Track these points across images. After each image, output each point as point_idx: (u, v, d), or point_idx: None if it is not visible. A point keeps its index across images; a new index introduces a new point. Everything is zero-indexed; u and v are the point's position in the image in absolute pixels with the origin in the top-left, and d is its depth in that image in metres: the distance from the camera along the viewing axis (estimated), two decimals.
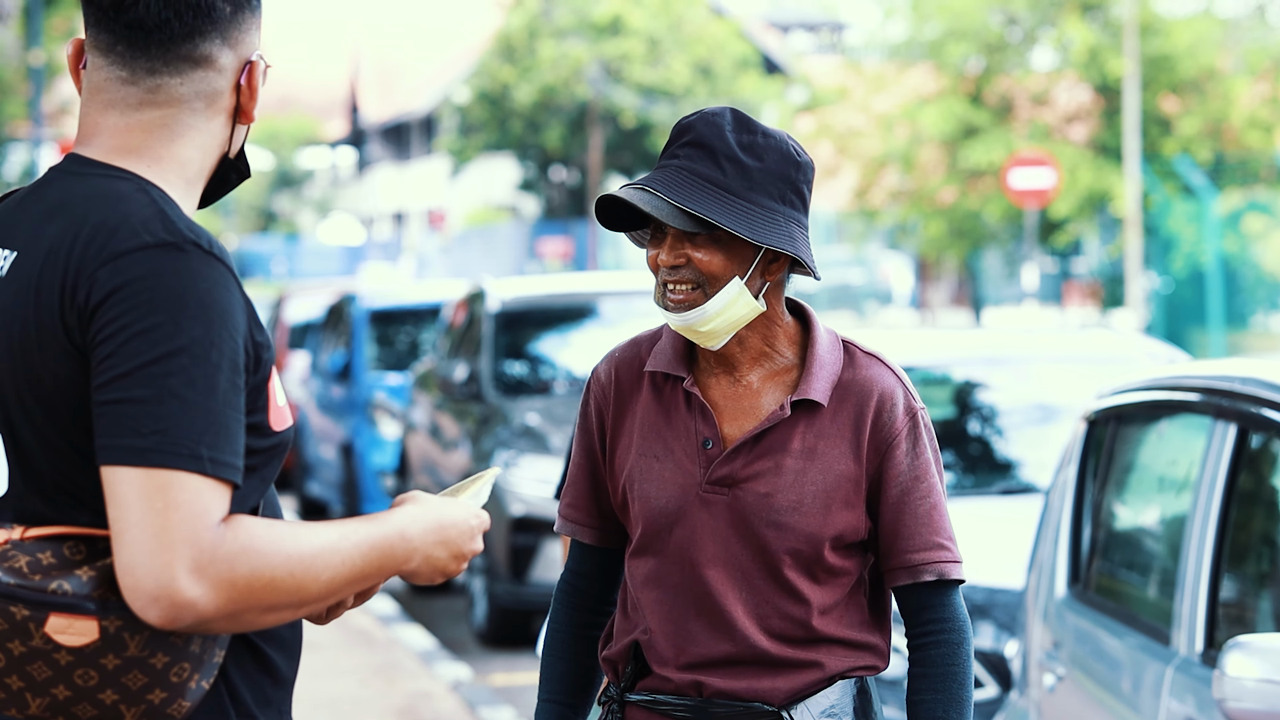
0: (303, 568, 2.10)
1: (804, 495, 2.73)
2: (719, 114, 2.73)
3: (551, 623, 2.94)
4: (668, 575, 2.77)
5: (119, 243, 2.11)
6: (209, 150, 2.27)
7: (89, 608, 2.09)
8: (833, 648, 2.76)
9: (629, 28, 41.30)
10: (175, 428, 2.05)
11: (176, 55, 2.24)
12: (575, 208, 44.56)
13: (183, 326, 2.07)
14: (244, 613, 2.08)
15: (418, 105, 54.46)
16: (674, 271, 2.70)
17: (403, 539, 2.18)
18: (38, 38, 26.51)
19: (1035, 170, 23.93)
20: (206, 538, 2.04)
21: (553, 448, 9.51)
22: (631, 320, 10.93)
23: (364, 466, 12.83)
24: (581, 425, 2.89)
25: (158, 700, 2.12)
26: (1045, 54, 31.17)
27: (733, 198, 2.68)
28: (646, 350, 2.85)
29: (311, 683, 7.98)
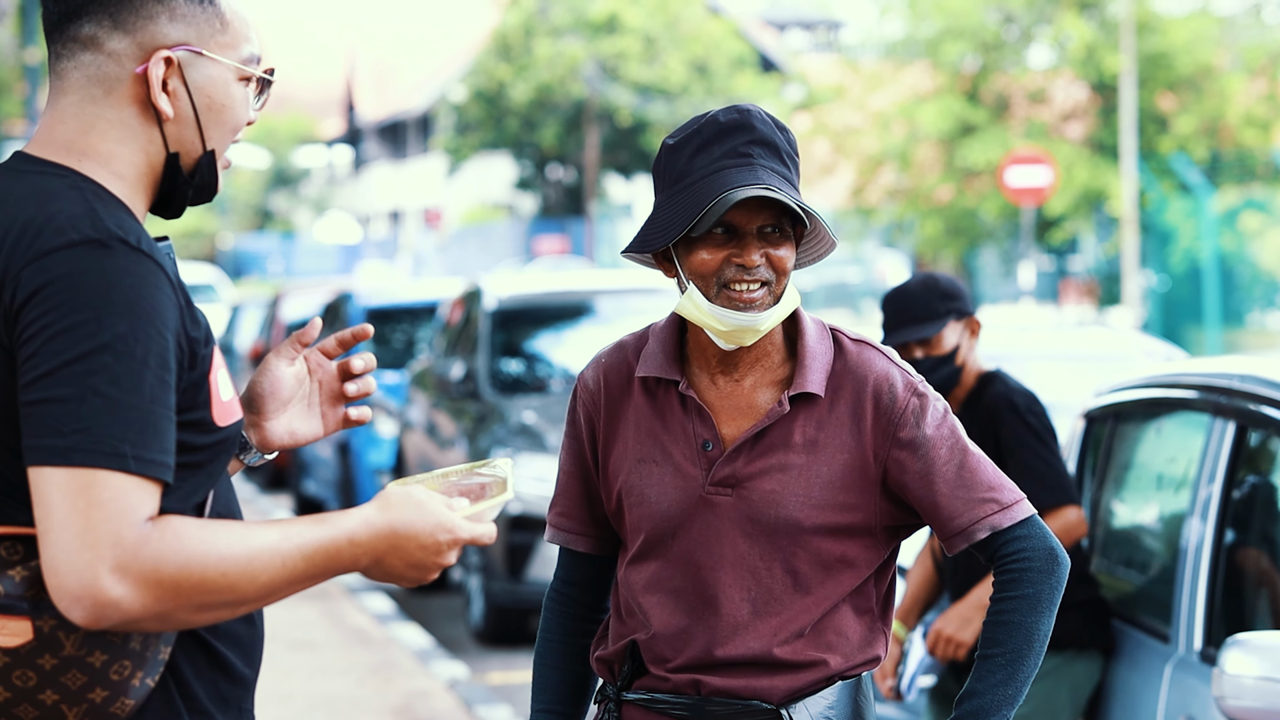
0: (237, 568, 2.07)
1: (810, 489, 2.71)
2: (760, 111, 2.74)
3: (543, 632, 2.92)
4: (670, 579, 2.75)
5: (44, 241, 2.09)
6: (135, 145, 2.23)
7: (22, 608, 2.08)
8: (838, 646, 2.75)
9: (625, 26, 41.29)
10: (98, 426, 2.03)
11: (65, 36, 2.22)
12: (572, 206, 44.55)
13: (105, 324, 2.05)
14: (174, 612, 2.06)
15: (414, 104, 54.43)
16: (751, 272, 2.68)
17: (350, 544, 2.14)
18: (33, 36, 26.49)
19: (1032, 168, 23.94)
20: (130, 536, 2.02)
21: (549, 446, 9.50)
22: (628, 318, 10.92)
23: (360, 465, 12.81)
24: (570, 433, 2.86)
25: (99, 699, 2.11)
26: (1042, 52, 31.18)
27: (799, 193, 2.71)
28: (633, 354, 2.82)
29: (308, 682, 7.97)
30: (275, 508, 14.55)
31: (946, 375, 4.60)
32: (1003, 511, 2.74)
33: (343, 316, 14.28)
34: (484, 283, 11.27)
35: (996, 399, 4.61)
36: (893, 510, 2.77)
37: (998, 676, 2.70)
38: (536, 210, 45.86)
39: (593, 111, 41.58)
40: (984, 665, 2.72)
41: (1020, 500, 2.75)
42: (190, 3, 2.24)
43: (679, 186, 2.70)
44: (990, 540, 2.74)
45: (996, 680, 2.70)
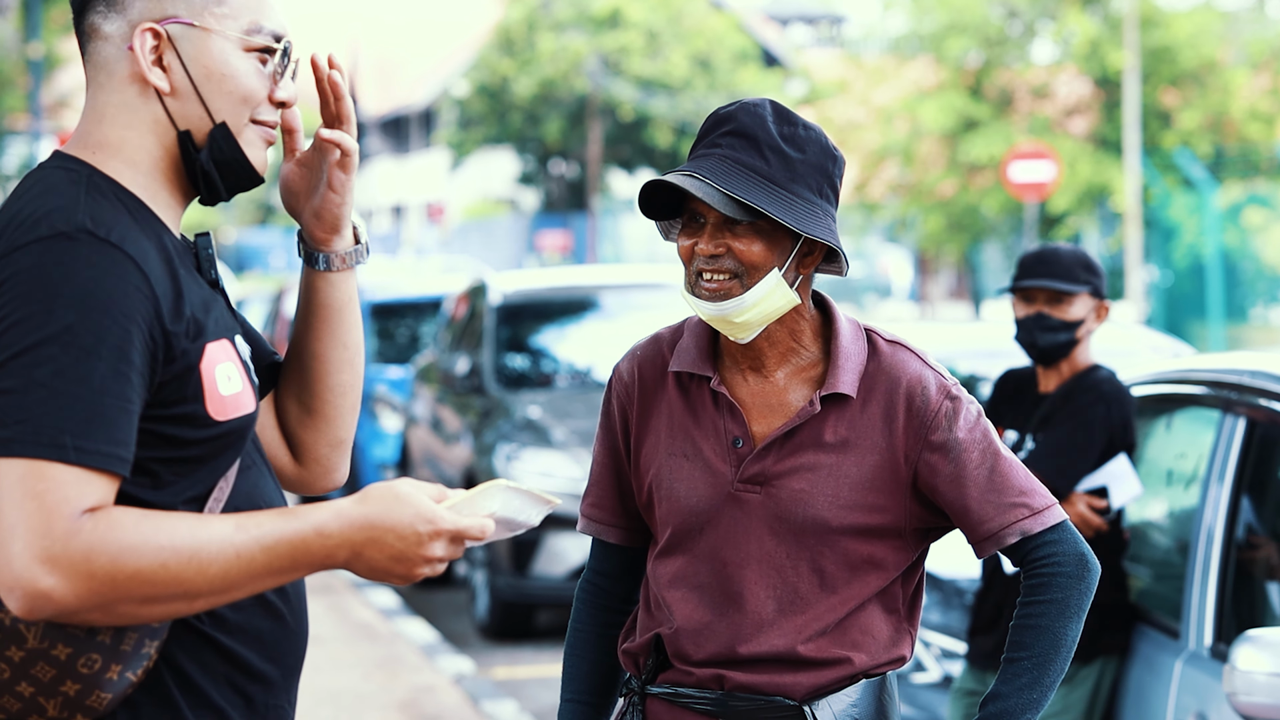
0: (180, 560, 2.05)
1: (839, 489, 2.70)
2: (759, 105, 2.70)
3: (574, 622, 2.92)
4: (697, 574, 2.75)
5: (18, 236, 2.11)
6: (143, 128, 2.24)
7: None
8: (863, 645, 2.74)
9: (628, 21, 41.26)
10: (38, 417, 2.02)
11: (80, 32, 2.26)
12: (574, 201, 44.52)
13: (55, 315, 2.05)
14: (114, 604, 2.04)
15: (417, 98, 54.40)
16: (712, 261, 2.67)
17: (319, 536, 2.12)
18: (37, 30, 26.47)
19: (1035, 163, 23.91)
20: (60, 528, 2.01)
21: (554, 441, 9.49)
22: (632, 313, 10.92)
23: (365, 460, 12.81)
24: (604, 424, 2.86)
25: (73, 692, 2.11)
26: (1045, 47, 31.15)
27: (776, 188, 2.65)
28: (669, 348, 2.82)
29: (314, 677, 7.97)
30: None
31: (1062, 342, 4.61)
32: (1034, 516, 2.73)
33: None
34: (489, 278, 11.26)
35: (1092, 381, 4.61)
36: (923, 513, 2.75)
37: (1024, 680, 2.69)
38: (539, 205, 45.84)
39: (595, 106, 41.55)
40: (1010, 668, 2.71)
41: (1052, 505, 2.74)
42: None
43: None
44: (1021, 545, 2.74)
45: (1022, 684, 2.69)
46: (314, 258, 2.45)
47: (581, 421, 9.69)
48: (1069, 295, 4.60)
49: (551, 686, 8.34)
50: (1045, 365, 4.71)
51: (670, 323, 2.92)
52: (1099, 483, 4.59)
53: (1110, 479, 4.59)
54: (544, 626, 9.87)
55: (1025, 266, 4.67)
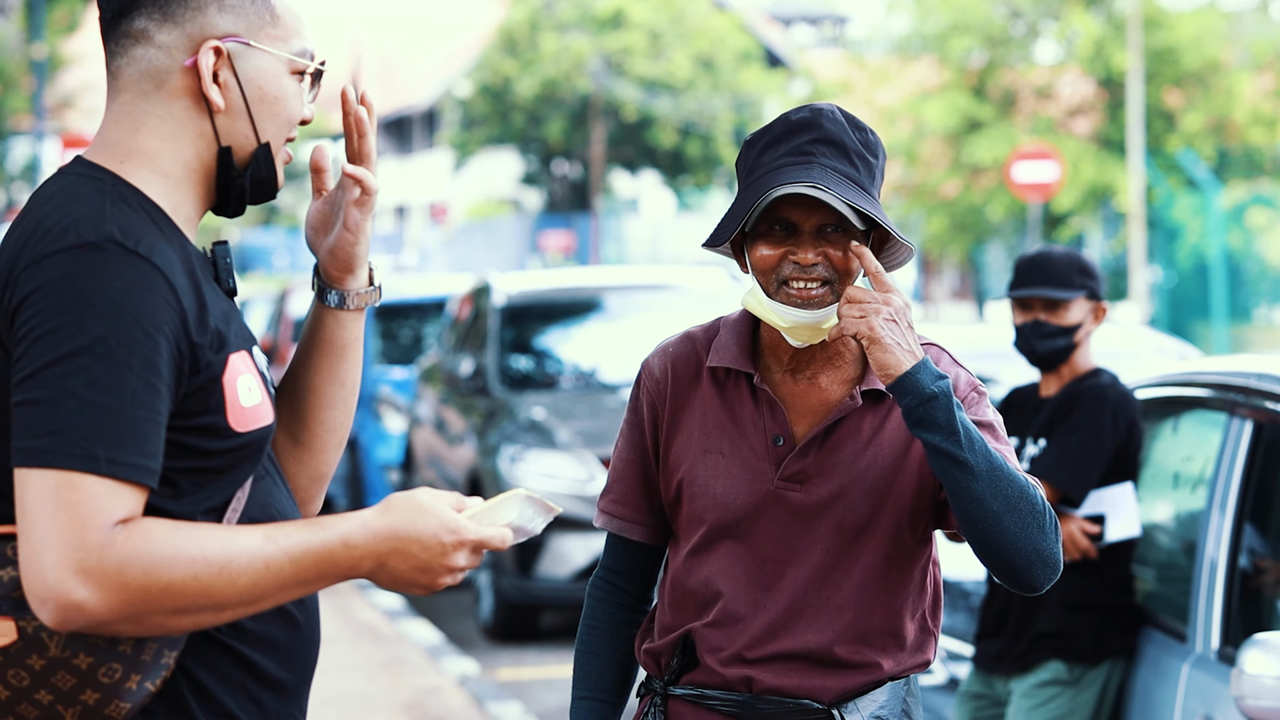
0: (211, 572, 2.06)
1: (876, 481, 2.71)
2: (834, 111, 2.72)
3: (588, 620, 2.89)
4: (732, 571, 2.74)
5: (45, 245, 2.10)
6: (183, 141, 2.23)
7: (4, 607, 2.09)
8: (893, 649, 2.74)
9: (631, 21, 41.25)
10: (71, 428, 2.03)
11: (117, 33, 2.22)
12: (577, 201, 44.52)
13: (86, 326, 2.05)
14: (145, 615, 2.05)
15: (420, 99, 54.40)
16: (809, 270, 2.66)
17: (345, 547, 2.13)
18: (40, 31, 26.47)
19: (1039, 164, 23.90)
20: (94, 539, 2.01)
21: (559, 442, 9.49)
22: (636, 315, 10.92)
23: (369, 461, 12.80)
24: (631, 420, 2.84)
25: (92, 701, 2.11)
26: (1049, 47, 31.15)
27: (869, 196, 2.68)
28: (703, 345, 2.81)
29: (319, 679, 7.97)
30: None
31: (1061, 347, 4.61)
32: None
33: None
34: (493, 279, 11.26)
35: (1095, 387, 4.61)
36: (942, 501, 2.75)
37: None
38: (542, 205, 45.83)
39: (598, 106, 41.54)
40: None
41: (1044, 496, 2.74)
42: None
43: (745, 183, 2.71)
44: None
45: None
46: (325, 294, 2.43)
47: (586, 423, 9.68)
48: (1065, 301, 4.59)
49: (556, 688, 8.34)
50: (1045, 370, 4.72)
51: (674, 323, 2.92)
52: (1100, 509, 4.59)
53: (1112, 508, 4.58)
54: (549, 628, 9.87)
55: (1020, 273, 4.67)
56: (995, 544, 2.59)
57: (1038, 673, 4.62)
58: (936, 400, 2.57)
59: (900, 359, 2.59)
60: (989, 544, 2.60)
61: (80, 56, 32.00)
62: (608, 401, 10.06)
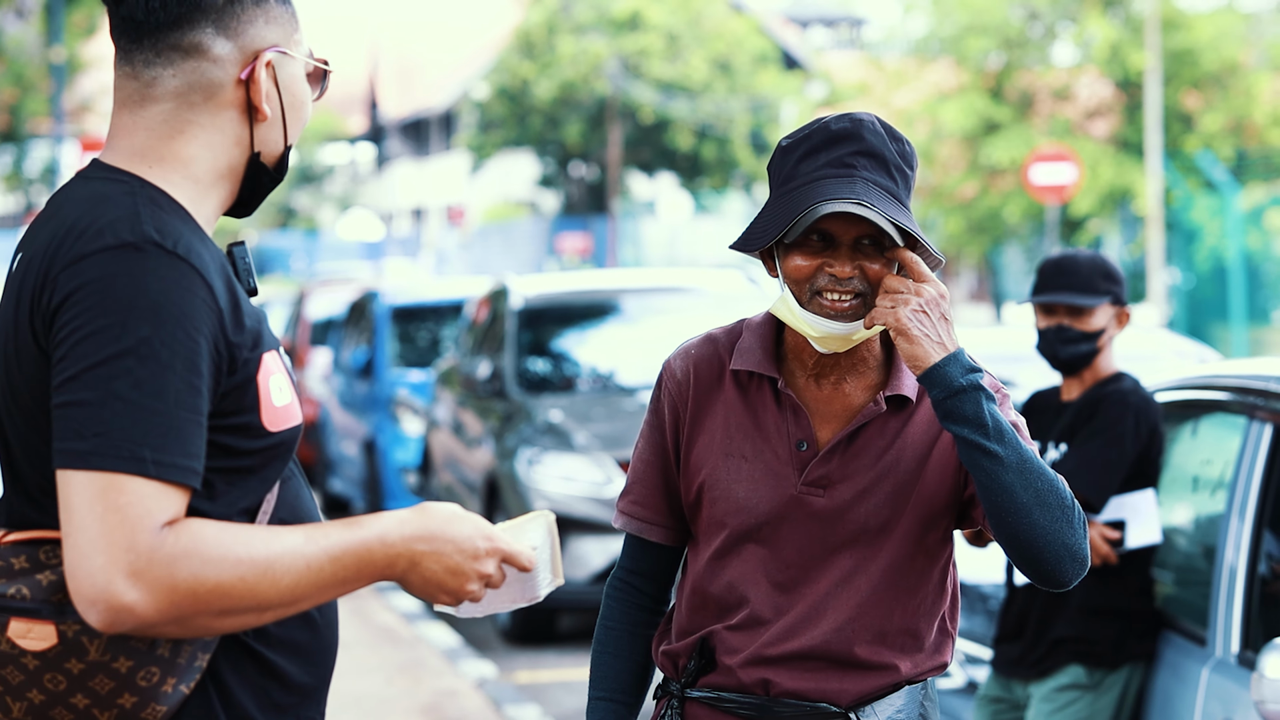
0: (256, 572, 2.06)
1: (900, 490, 2.71)
2: (873, 121, 2.71)
3: (605, 621, 2.89)
4: (754, 576, 2.74)
5: (82, 245, 2.10)
6: (221, 148, 2.24)
7: (45, 612, 2.09)
8: (911, 651, 2.74)
9: (648, 23, 41.26)
10: (117, 430, 2.03)
11: (166, 45, 2.22)
12: (595, 203, 44.54)
13: (130, 327, 2.05)
14: (192, 617, 2.05)
15: (437, 101, 54.47)
16: (845, 282, 2.65)
17: (382, 544, 2.14)
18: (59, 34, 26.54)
19: (1056, 166, 23.88)
20: (144, 541, 2.01)
21: (576, 445, 9.49)
22: (654, 317, 10.91)
23: (386, 463, 12.82)
24: (652, 422, 2.83)
25: (129, 705, 2.11)
26: (1066, 49, 31.10)
27: (903, 207, 2.68)
28: (725, 347, 2.81)
29: (337, 681, 7.98)
30: None
31: (1084, 352, 4.59)
32: None
33: (369, 315, 14.29)
34: (510, 282, 11.27)
35: (1118, 392, 4.59)
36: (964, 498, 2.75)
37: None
38: (559, 208, 45.86)
39: (615, 109, 41.56)
40: None
41: None
42: (280, 4, 2.28)
43: (783, 190, 2.69)
44: None
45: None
46: None
47: (603, 425, 9.68)
48: (1089, 306, 4.58)
49: (574, 690, 8.34)
50: (1067, 375, 4.71)
51: (691, 326, 2.92)
52: (1121, 515, 4.58)
53: (1133, 514, 4.57)
54: (566, 630, 9.87)
55: (1044, 277, 4.64)
56: (1024, 537, 2.59)
57: (1057, 677, 4.62)
58: (965, 393, 2.57)
59: (929, 350, 2.59)
60: (1017, 537, 2.59)
61: (99, 60, 32.09)
62: (625, 404, 10.06)
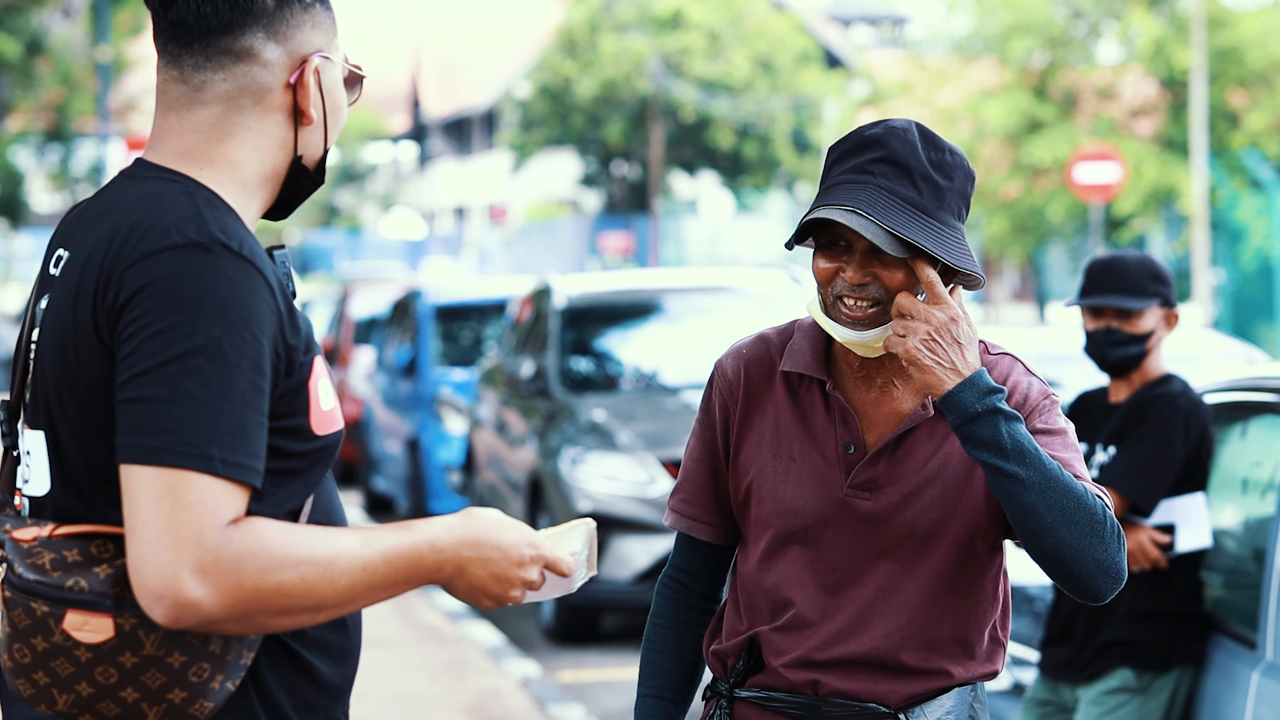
0: (316, 573, 2.08)
1: (948, 494, 2.70)
2: (908, 129, 2.68)
3: (655, 619, 2.90)
4: (801, 578, 2.74)
5: (149, 243, 2.12)
6: (267, 152, 2.26)
7: (104, 605, 2.10)
8: (961, 656, 2.74)
9: (690, 22, 41.25)
10: (187, 427, 2.05)
11: (217, 50, 2.24)
12: (636, 202, 44.55)
13: (200, 326, 2.07)
14: (253, 615, 2.07)
15: (479, 100, 54.57)
16: (859, 289, 2.65)
17: (432, 549, 2.16)
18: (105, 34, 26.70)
19: (1100, 165, 23.77)
20: (212, 538, 2.03)
21: (619, 444, 9.49)
22: (697, 317, 10.91)
23: (430, 462, 12.85)
24: (703, 421, 2.84)
25: (178, 700, 2.12)
26: (1110, 47, 30.96)
27: (927, 219, 2.63)
28: (777, 348, 2.81)
29: (382, 680, 8.01)
30: (345, 504, 14.62)
31: (1133, 355, 4.57)
32: None
33: (412, 314, 14.33)
34: (553, 281, 11.28)
35: (1167, 394, 4.57)
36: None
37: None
38: (601, 206, 45.89)
39: (657, 107, 41.56)
40: None
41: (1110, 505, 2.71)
42: (324, 10, 2.30)
43: (818, 192, 2.71)
44: None
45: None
46: None
47: (646, 425, 9.69)
48: (1138, 309, 4.55)
49: (618, 690, 8.35)
50: (1116, 377, 4.69)
51: (734, 325, 2.92)
52: (1170, 519, 4.55)
53: (1183, 518, 4.55)
54: (610, 630, 9.88)
55: (1092, 279, 4.61)
56: (1052, 555, 2.59)
57: (1106, 680, 4.60)
58: (981, 419, 2.56)
59: (941, 378, 2.58)
60: (1046, 555, 2.60)
61: (144, 59, 32.26)
62: (668, 403, 10.06)
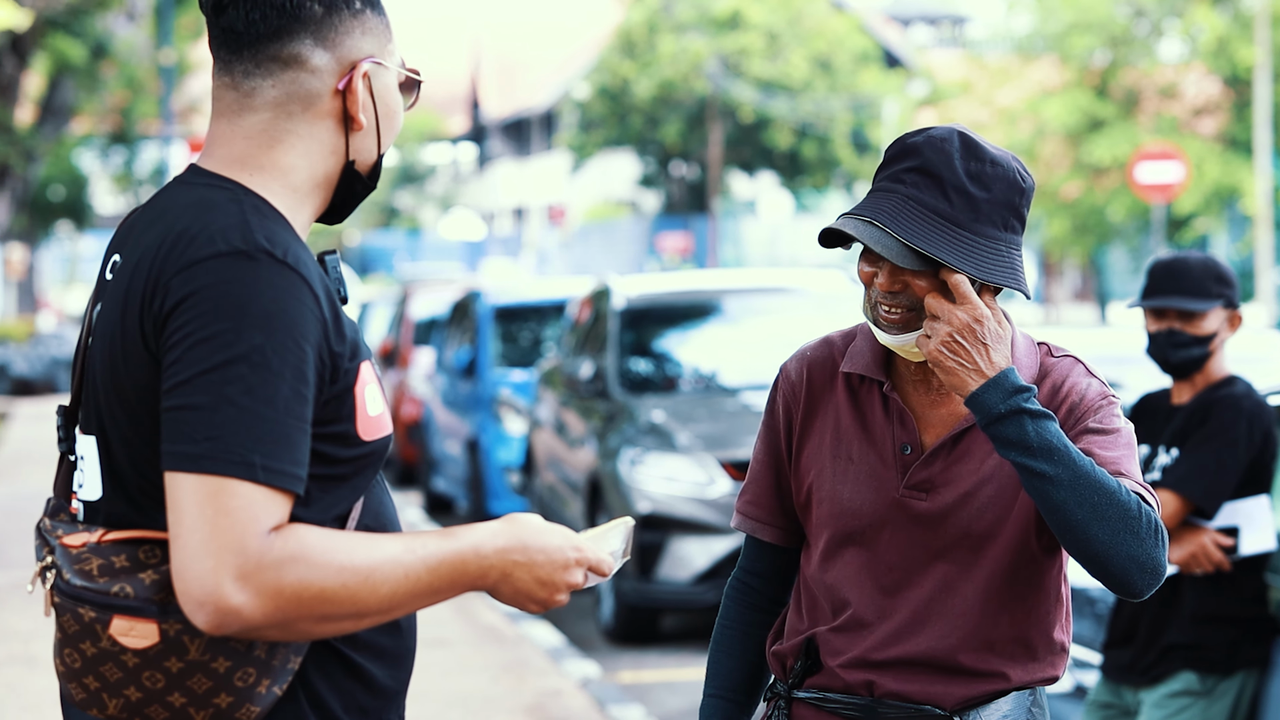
0: (358, 579, 2.09)
1: (1004, 494, 2.70)
2: (947, 139, 2.66)
3: (722, 620, 2.92)
4: (858, 578, 2.75)
5: (194, 251, 2.13)
6: (318, 157, 2.26)
7: (149, 610, 2.12)
8: (1020, 657, 2.72)
9: (748, 22, 41.22)
10: (229, 434, 2.05)
11: (265, 56, 2.24)
12: (695, 203, 44.54)
13: (243, 334, 2.08)
14: (295, 622, 2.08)
15: (538, 101, 54.68)
16: (892, 296, 2.66)
17: (476, 555, 2.17)
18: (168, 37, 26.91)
19: (1162, 165, 23.61)
20: (254, 545, 2.04)
21: (678, 445, 9.49)
22: (756, 318, 10.91)
23: (489, 462, 12.89)
24: (767, 422, 2.86)
25: (224, 704, 2.14)
26: (1173, 45, 30.75)
27: (958, 230, 2.63)
28: (840, 350, 2.83)
29: (442, 680, 8.04)
30: (405, 505, 14.69)
31: (1196, 357, 4.54)
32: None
33: (471, 315, 14.38)
34: (613, 282, 11.29)
35: (1230, 396, 4.54)
36: None
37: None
38: (660, 207, 45.91)
39: (716, 108, 41.54)
40: None
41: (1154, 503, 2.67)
42: (374, 15, 2.30)
43: None
44: None
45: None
46: None
47: (705, 426, 9.69)
48: (1201, 310, 4.52)
49: (678, 691, 8.35)
50: (1178, 379, 4.66)
51: (793, 326, 2.93)
52: (1234, 521, 4.52)
53: (1247, 520, 4.51)
54: (669, 631, 9.88)
55: (1155, 280, 4.58)
56: (1085, 551, 2.58)
57: (1169, 683, 4.57)
58: (1006, 419, 2.57)
59: (964, 380, 2.59)
60: (1080, 551, 2.59)
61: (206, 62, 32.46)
62: (727, 404, 10.05)
